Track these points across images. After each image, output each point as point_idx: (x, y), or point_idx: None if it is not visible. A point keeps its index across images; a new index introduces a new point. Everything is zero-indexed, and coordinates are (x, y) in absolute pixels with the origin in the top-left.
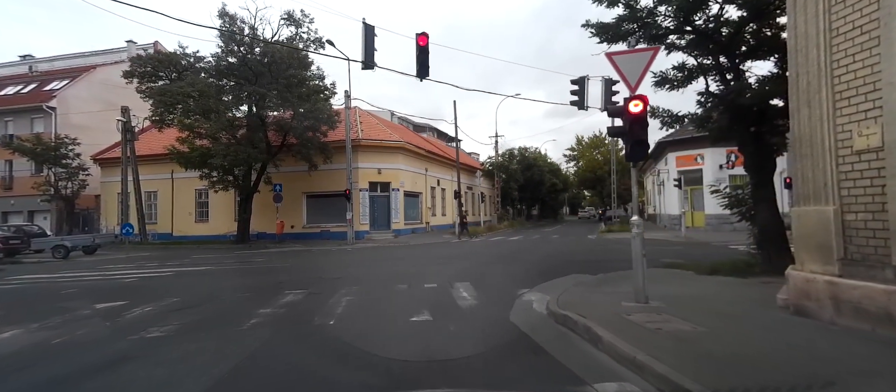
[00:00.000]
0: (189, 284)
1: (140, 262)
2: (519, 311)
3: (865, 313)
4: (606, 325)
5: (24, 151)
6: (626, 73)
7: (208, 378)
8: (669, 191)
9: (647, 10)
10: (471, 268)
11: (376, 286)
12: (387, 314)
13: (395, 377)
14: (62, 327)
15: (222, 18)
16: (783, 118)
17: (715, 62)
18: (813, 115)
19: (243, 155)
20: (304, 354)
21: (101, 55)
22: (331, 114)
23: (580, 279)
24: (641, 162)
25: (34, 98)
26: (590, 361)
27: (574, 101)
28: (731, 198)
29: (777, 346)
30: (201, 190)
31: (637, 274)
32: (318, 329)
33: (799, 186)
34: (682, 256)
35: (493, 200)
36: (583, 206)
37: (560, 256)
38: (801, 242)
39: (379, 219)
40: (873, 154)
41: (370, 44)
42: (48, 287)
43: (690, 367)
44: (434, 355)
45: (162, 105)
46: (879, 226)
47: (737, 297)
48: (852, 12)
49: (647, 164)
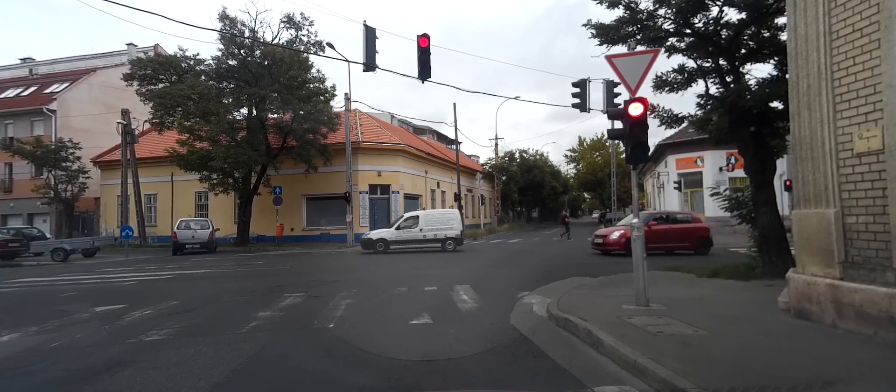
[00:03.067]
0: (188, 287)
1: (139, 265)
2: (519, 314)
3: (867, 316)
4: (607, 328)
5: (23, 154)
6: (627, 76)
7: (206, 382)
8: (669, 193)
9: (647, 12)
10: (471, 270)
11: (376, 289)
12: (387, 317)
13: (395, 380)
14: (60, 331)
15: (222, 21)
16: (783, 120)
17: (715, 65)
18: (813, 117)
19: (243, 157)
20: (304, 358)
21: (101, 58)
22: (331, 116)
23: (581, 282)
24: (642, 164)
25: (34, 101)
26: (591, 365)
27: (575, 103)
28: (731, 200)
29: (778, 350)
30: (201, 192)
31: (638, 277)
32: (317, 332)
33: (799, 189)
34: (683, 259)
35: (494, 203)
36: (583, 208)
37: (560, 259)
38: (802, 245)
39: (379, 221)
40: (874, 157)
41: (371, 46)
42: (47, 290)
43: (692, 371)
44: (434, 358)
45: (162, 107)
46: (880, 229)
47: (738, 301)
48: (852, 15)
49: (647, 166)
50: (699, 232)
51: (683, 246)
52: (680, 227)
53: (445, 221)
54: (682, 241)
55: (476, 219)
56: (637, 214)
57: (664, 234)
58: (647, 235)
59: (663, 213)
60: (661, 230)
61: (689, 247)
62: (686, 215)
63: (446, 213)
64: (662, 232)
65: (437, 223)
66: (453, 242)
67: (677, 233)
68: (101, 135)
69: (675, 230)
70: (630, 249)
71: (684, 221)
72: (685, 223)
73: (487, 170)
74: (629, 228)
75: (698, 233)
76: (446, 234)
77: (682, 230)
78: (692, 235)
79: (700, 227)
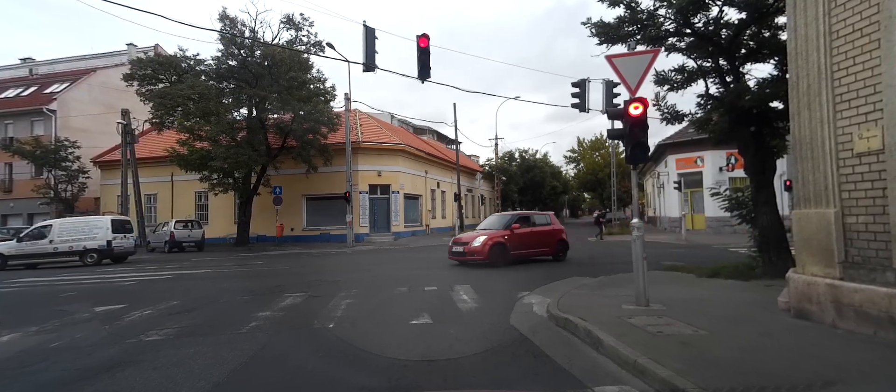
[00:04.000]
0: (188, 287)
1: (139, 265)
2: (519, 314)
3: (867, 316)
4: (607, 328)
5: (23, 154)
6: (627, 76)
7: (206, 382)
8: (669, 193)
9: (647, 11)
10: (471, 270)
11: (376, 289)
12: (387, 317)
13: (395, 380)
14: (60, 331)
15: (222, 22)
16: (783, 120)
17: (715, 64)
18: (813, 117)
19: (243, 157)
20: (304, 357)
21: (101, 58)
22: (331, 116)
23: (581, 282)
24: (642, 164)
25: (34, 101)
26: (591, 365)
27: (575, 103)
28: (731, 200)
29: (778, 350)
30: (201, 192)
31: (638, 277)
32: (317, 332)
33: (800, 189)
34: (683, 259)
35: (494, 203)
36: (583, 208)
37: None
38: (802, 245)
39: (379, 221)
40: (874, 157)
41: (371, 46)
42: (47, 290)
43: (692, 371)
44: (434, 358)
45: (162, 108)
46: (880, 229)
47: (738, 301)
48: (852, 15)
49: (647, 166)
50: (556, 235)
51: (542, 252)
52: (539, 230)
53: (88, 230)
54: (540, 247)
55: (476, 219)
56: (637, 214)
57: (526, 239)
58: (511, 240)
59: (524, 214)
60: (523, 234)
61: (547, 252)
62: (544, 217)
63: (91, 221)
64: (525, 236)
65: (76, 233)
66: (97, 255)
67: (537, 237)
68: (101, 135)
69: (535, 235)
70: (495, 258)
71: (543, 224)
72: (544, 226)
73: (487, 170)
74: (496, 232)
75: (556, 236)
76: (86, 245)
77: (541, 234)
78: (551, 240)
79: (556, 229)
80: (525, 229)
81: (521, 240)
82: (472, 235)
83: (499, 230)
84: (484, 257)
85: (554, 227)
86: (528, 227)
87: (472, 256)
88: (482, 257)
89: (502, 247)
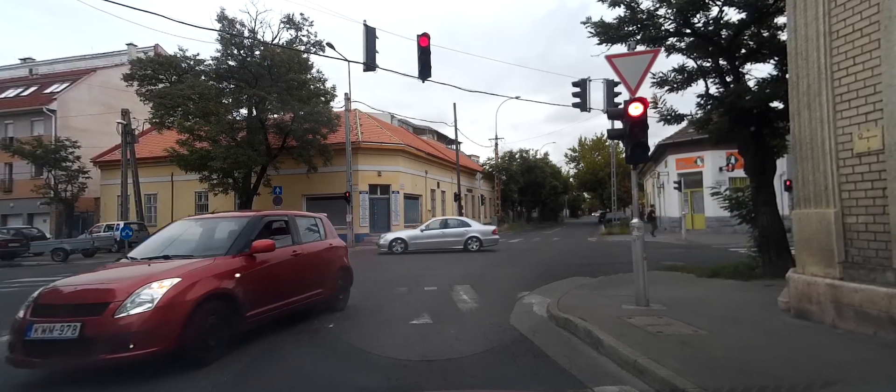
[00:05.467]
0: None
1: None
2: (519, 314)
3: (867, 316)
4: (607, 328)
5: (23, 154)
6: (627, 76)
7: (207, 382)
8: (669, 193)
9: (647, 11)
10: (471, 270)
11: (376, 289)
12: (387, 317)
13: (395, 380)
14: None
15: (222, 22)
16: (783, 120)
17: (715, 64)
18: (813, 117)
19: (243, 157)
20: (304, 357)
21: (101, 58)
22: (331, 116)
23: (581, 282)
24: (642, 164)
25: (34, 101)
26: (591, 365)
27: (576, 103)
28: (731, 200)
29: (778, 350)
30: (201, 192)
31: (638, 277)
32: (317, 332)
33: (799, 189)
34: (683, 259)
35: (494, 203)
36: (583, 208)
37: (560, 259)
38: (802, 245)
39: (379, 221)
40: (874, 157)
41: (371, 45)
42: None
43: (692, 371)
44: (434, 358)
45: (162, 108)
46: (880, 229)
47: (738, 301)
48: (852, 15)
49: (647, 166)
50: (335, 262)
51: (309, 297)
52: (306, 254)
53: None
54: (305, 289)
55: (476, 219)
56: (637, 214)
57: (278, 277)
58: (246, 284)
59: (270, 216)
60: (271, 269)
61: (319, 294)
62: (313, 224)
63: None
64: (276, 271)
65: None
66: None
67: (299, 270)
68: (101, 135)
69: (294, 265)
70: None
71: (310, 241)
72: (312, 245)
73: (487, 170)
74: (203, 266)
75: (334, 265)
76: None
77: (306, 263)
78: (326, 272)
79: (334, 249)
80: (273, 255)
81: (267, 280)
82: (127, 277)
83: (214, 260)
84: (160, 348)
85: (331, 245)
86: (284, 248)
87: (118, 353)
88: (157, 348)
89: (217, 310)
